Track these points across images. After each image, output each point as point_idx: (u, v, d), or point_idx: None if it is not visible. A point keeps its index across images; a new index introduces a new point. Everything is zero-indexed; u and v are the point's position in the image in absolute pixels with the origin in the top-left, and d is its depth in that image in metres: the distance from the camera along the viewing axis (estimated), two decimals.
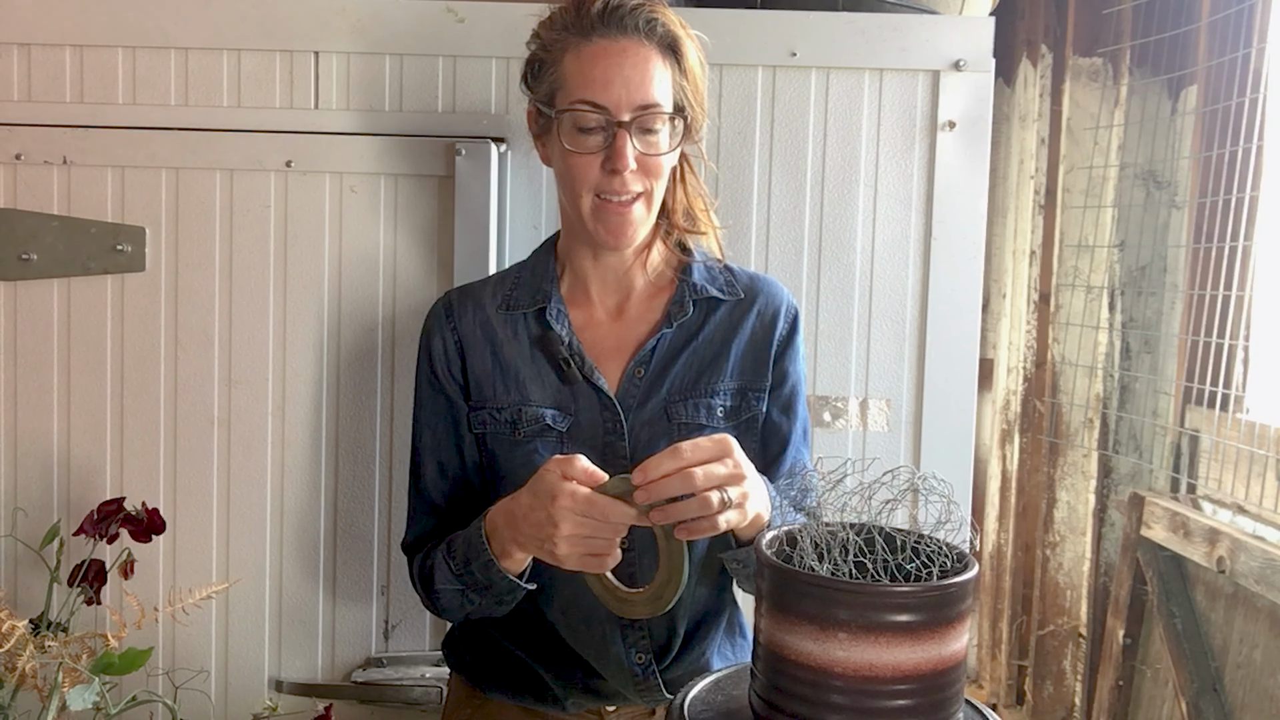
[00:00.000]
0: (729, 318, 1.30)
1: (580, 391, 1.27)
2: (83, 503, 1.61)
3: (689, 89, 1.24)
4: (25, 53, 1.61)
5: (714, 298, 1.30)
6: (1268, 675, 2.09)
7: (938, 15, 1.66)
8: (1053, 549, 2.81)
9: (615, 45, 1.19)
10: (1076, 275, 2.72)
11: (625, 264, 1.30)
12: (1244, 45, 2.28)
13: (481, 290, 1.34)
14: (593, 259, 1.30)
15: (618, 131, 1.18)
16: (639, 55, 1.19)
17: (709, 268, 1.32)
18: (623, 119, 1.18)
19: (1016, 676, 2.93)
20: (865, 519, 0.93)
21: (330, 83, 1.63)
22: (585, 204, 1.22)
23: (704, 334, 1.29)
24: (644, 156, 1.20)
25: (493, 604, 1.22)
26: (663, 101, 1.20)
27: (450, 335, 1.31)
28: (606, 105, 1.18)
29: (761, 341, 1.30)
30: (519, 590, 1.20)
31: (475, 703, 1.36)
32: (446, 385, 1.31)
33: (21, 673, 1.31)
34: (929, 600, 0.83)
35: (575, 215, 1.25)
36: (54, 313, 1.63)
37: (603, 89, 1.18)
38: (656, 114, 1.20)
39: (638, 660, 1.28)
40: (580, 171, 1.21)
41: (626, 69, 1.18)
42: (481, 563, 1.18)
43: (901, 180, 1.65)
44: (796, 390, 1.33)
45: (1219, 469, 2.31)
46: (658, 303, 1.31)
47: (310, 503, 1.65)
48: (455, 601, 1.24)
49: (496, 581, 1.18)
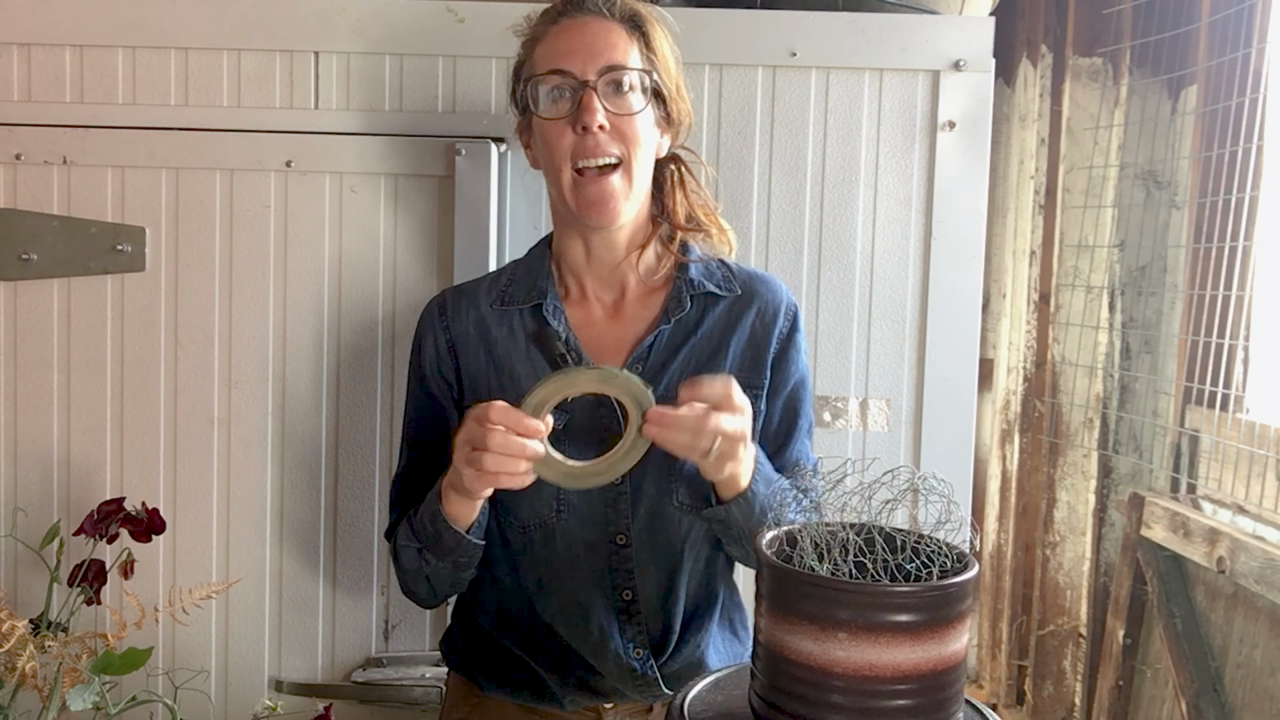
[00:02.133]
0: (727, 314, 1.30)
1: None
2: (83, 503, 1.61)
3: (659, 65, 1.26)
4: (25, 53, 1.61)
5: (712, 294, 1.30)
6: (1268, 675, 2.09)
7: (938, 15, 1.66)
8: (1053, 549, 2.81)
9: (577, 22, 1.25)
10: (1076, 275, 2.73)
11: (617, 259, 1.30)
12: (1244, 45, 2.28)
13: (476, 289, 1.34)
14: (585, 252, 1.30)
15: (585, 91, 1.21)
16: (601, 26, 1.24)
17: (706, 265, 1.33)
18: (589, 79, 1.21)
19: (1016, 676, 2.93)
20: (865, 519, 0.93)
21: (330, 83, 1.63)
22: (565, 179, 1.24)
23: (702, 330, 1.29)
24: (615, 116, 1.22)
25: (448, 566, 1.24)
26: (629, 64, 1.23)
27: (443, 335, 1.32)
28: (571, 70, 1.22)
29: (761, 339, 1.30)
30: (466, 545, 1.21)
31: (473, 701, 1.36)
32: (434, 385, 1.32)
33: (21, 673, 1.31)
34: (929, 600, 0.83)
35: (559, 198, 1.26)
36: (54, 313, 1.63)
37: (566, 56, 1.23)
38: (623, 72, 1.22)
39: (635, 655, 1.29)
40: (554, 140, 1.23)
41: (589, 37, 1.23)
42: (430, 512, 1.20)
43: (901, 180, 1.65)
44: (800, 387, 1.33)
45: (1219, 469, 2.31)
46: (655, 300, 1.31)
47: (310, 503, 1.65)
48: (414, 563, 1.25)
49: (444, 534, 1.20)
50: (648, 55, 1.25)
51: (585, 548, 1.27)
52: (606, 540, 1.27)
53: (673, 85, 1.28)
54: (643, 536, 1.27)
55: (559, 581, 1.28)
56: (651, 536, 1.27)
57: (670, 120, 1.29)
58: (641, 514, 1.26)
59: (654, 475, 1.25)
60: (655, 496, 1.26)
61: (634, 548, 1.26)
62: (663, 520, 1.27)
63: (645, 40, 1.26)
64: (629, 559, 1.27)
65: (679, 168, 1.34)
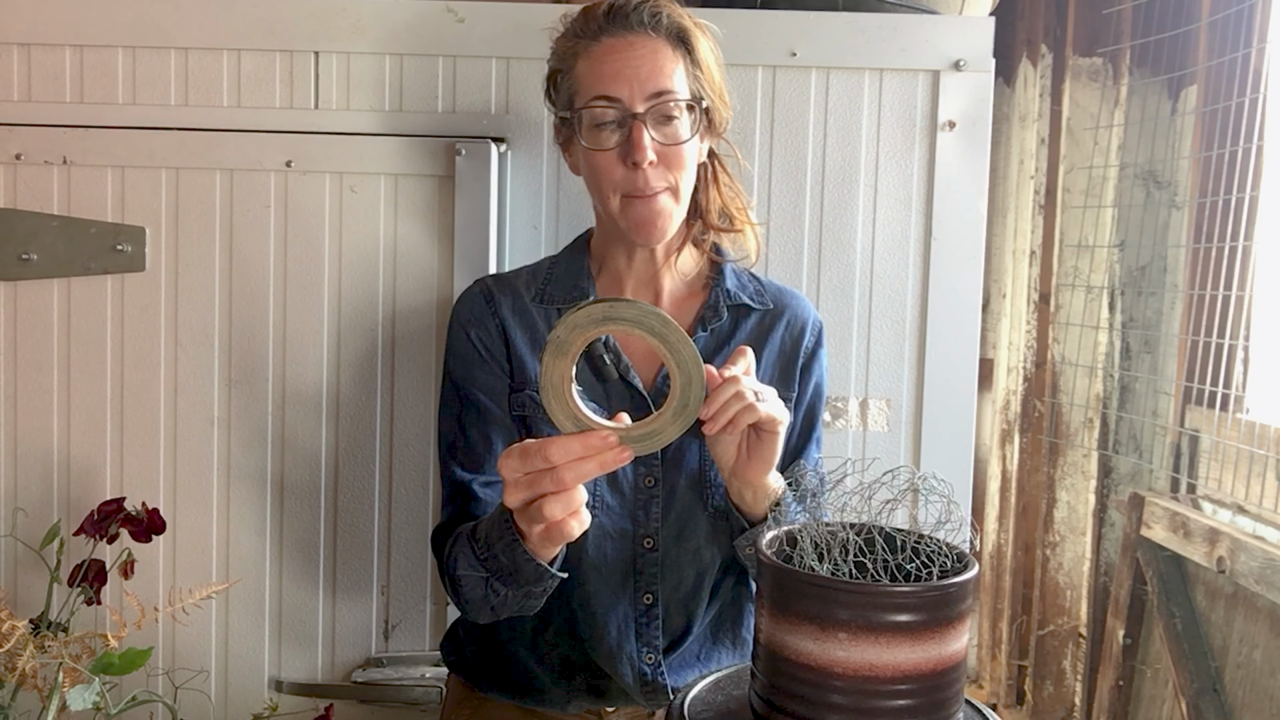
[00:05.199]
0: (759, 326, 1.31)
1: (614, 390, 1.26)
2: (83, 503, 1.61)
3: (704, 79, 1.23)
4: (25, 53, 1.61)
5: (745, 305, 1.31)
6: (1268, 675, 2.09)
7: (938, 15, 1.66)
8: (1053, 549, 2.81)
9: (623, 41, 1.20)
10: (1076, 275, 2.73)
11: (656, 265, 1.30)
12: (1244, 45, 2.28)
13: (515, 279, 1.34)
14: (627, 258, 1.30)
15: (633, 124, 1.18)
16: (647, 47, 1.20)
17: (738, 274, 1.33)
18: (637, 110, 1.18)
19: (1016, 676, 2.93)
20: (865, 519, 0.93)
21: (330, 83, 1.63)
22: (613, 204, 1.22)
23: (736, 340, 1.29)
24: (663, 148, 1.20)
25: (520, 597, 1.11)
26: (677, 89, 1.20)
27: (492, 320, 1.29)
28: (619, 97, 1.18)
29: (790, 353, 1.32)
30: (548, 578, 1.07)
31: (474, 703, 1.36)
32: (486, 370, 1.27)
33: (21, 673, 1.31)
34: (929, 600, 0.83)
35: (606, 215, 1.25)
36: (54, 313, 1.63)
37: (613, 82, 1.19)
38: (671, 101, 1.19)
39: (647, 660, 1.28)
40: (603, 171, 1.21)
41: (635, 61, 1.19)
42: (505, 543, 1.05)
43: (901, 180, 1.65)
44: (818, 399, 1.35)
45: (1219, 469, 2.31)
46: (690, 306, 1.31)
47: (310, 503, 1.65)
48: (478, 592, 1.12)
49: (522, 566, 1.05)
50: (693, 72, 1.23)
51: (613, 549, 1.26)
52: (634, 543, 1.26)
53: (716, 95, 1.26)
54: (670, 542, 1.26)
55: (579, 582, 1.27)
56: (680, 542, 1.26)
57: (712, 126, 1.27)
58: (672, 519, 1.25)
59: (688, 479, 1.25)
60: (689, 501, 1.25)
61: (661, 552, 1.26)
62: (693, 525, 1.26)
63: (690, 54, 1.23)
64: (655, 563, 1.26)
65: (714, 163, 1.33)
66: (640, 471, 1.26)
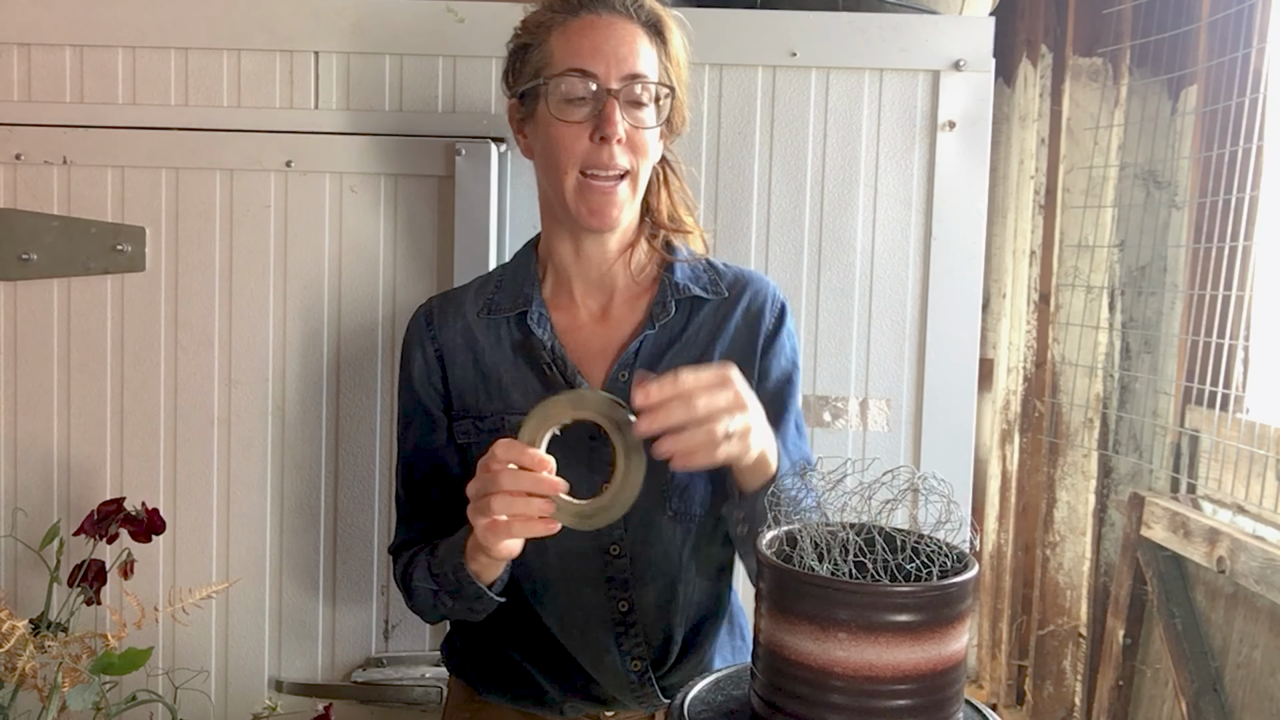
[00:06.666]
0: (713, 316, 1.28)
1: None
2: (83, 503, 1.61)
3: (674, 72, 1.24)
4: (25, 53, 1.61)
5: (697, 297, 1.28)
6: (1268, 675, 2.09)
7: (938, 15, 1.66)
8: (1053, 549, 2.81)
9: (601, 20, 1.21)
10: (1076, 275, 2.73)
11: (608, 262, 1.28)
12: (1244, 45, 2.29)
13: (463, 296, 1.33)
14: (574, 254, 1.28)
15: (607, 99, 1.18)
16: (626, 30, 1.21)
17: (693, 266, 1.31)
18: (612, 86, 1.18)
19: (1016, 676, 2.93)
20: (865, 519, 0.93)
21: (330, 83, 1.63)
22: (569, 182, 1.20)
23: (687, 334, 1.27)
24: (632, 130, 1.20)
25: (464, 609, 1.22)
26: (650, 74, 1.21)
27: (430, 345, 1.30)
28: (596, 73, 1.18)
29: (746, 338, 1.28)
30: (486, 599, 1.19)
31: (474, 706, 1.36)
32: (425, 395, 1.31)
33: (21, 673, 1.31)
34: (929, 600, 0.83)
35: (557, 198, 1.23)
36: (54, 313, 1.63)
37: (591, 57, 1.19)
38: (645, 85, 1.20)
39: (633, 668, 1.28)
40: (567, 143, 1.20)
41: (614, 39, 1.20)
42: (454, 564, 1.17)
43: (901, 180, 1.65)
44: (786, 383, 1.30)
45: (1219, 469, 2.31)
46: (641, 303, 1.29)
47: (310, 503, 1.65)
48: (428, 602, 1.24)
49: (465, 586, 1.17)
50: (665, 63, 1.23)
51: (579, 558, 1.25)
52: (600, 551, 1.25)
53: (683, 93, 1.26)
54: (637, 548, 1.25)
55: (556, 591, 1.27)
56: (647, 547, 1.26)
57: (671, 127, 1.27)
58: (634, 524, 1.24)
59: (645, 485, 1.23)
60: (647, 508, 1.23)
61: (629, 559, 1.25)
62: (657, 531, 1.25)
63: (664, 46, 1.23)
64: (624, 569, 1.25)
65: (664, 167, 1.32)
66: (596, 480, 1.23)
